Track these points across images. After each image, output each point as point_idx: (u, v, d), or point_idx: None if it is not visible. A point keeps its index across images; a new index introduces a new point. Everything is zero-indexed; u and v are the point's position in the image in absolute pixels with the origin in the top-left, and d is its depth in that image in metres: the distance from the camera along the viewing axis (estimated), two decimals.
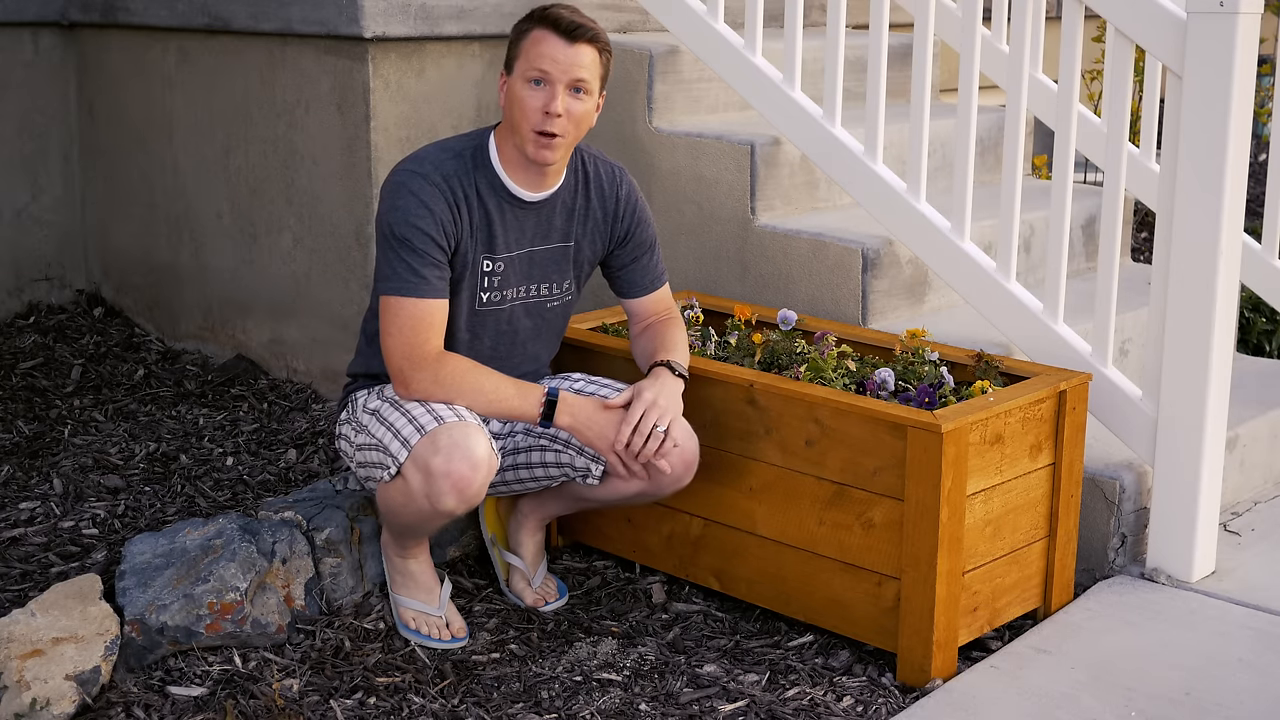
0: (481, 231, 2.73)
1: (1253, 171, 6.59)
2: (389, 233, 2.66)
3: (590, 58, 2.67)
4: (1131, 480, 3.02)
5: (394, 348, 2.68)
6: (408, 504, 2.66)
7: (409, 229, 2.64)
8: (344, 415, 2.88)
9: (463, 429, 2.60)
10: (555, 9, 2.68)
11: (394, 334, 2.67)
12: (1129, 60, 2.95)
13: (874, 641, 2.74)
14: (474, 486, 2.59)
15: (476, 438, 2.60)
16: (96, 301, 4.61)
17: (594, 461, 2.80)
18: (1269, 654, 2.70)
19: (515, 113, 2.68)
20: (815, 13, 4.47)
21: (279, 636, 2.77)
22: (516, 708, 2.58)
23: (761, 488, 2.84)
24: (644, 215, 2.92)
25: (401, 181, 2.68)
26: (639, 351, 2.91)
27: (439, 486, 2.58)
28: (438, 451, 2.57)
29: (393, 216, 2.66)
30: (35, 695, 2.46)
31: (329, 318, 3.89)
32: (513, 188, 2.75)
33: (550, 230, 2.82)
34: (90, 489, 3.39)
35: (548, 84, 2.65)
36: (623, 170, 2.92)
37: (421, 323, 2.66)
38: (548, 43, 2.65)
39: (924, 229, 3.21)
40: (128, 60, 4.35)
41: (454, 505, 2.60)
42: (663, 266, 2.99)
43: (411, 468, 2.61)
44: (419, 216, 2.65)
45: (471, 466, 2.57)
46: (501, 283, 2.78)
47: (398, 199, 2.67)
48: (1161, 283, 2.91)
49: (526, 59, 2.67)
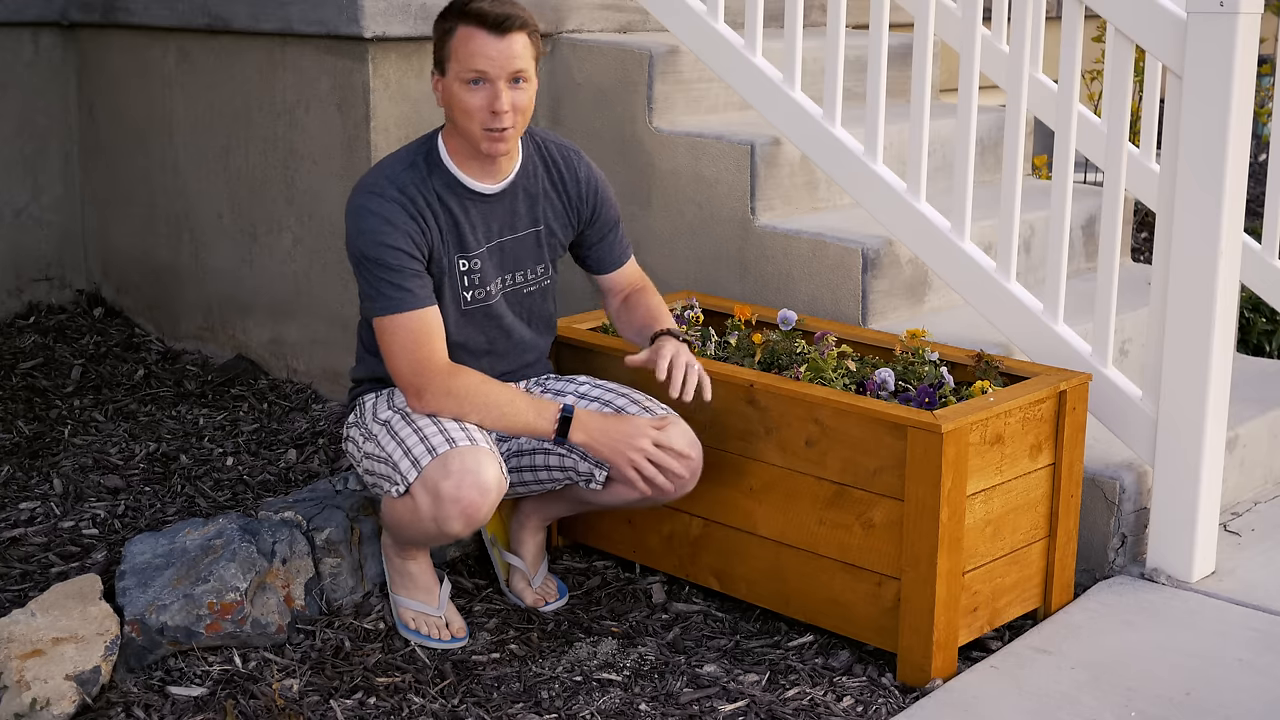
0: (450, 234, 2.71)
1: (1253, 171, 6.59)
2: (361, 257, 2.64)
3: (523, 45, 2.63)
4: (1131, 480, 3.02)
5: (401, 367, 2.65)
6: (414, 523, 2.66)
7: (380, 249, 2.62)
8: (352, 419, 2.86)
9: (474, 454, 2.58)
10: (479, 3, 2.62)
11: (397, 353, 2.65)
12: (1129, 60, 2.95)
13: (874, 641, 2.74)
14: (482, 512, 2.58)
15: (488, 463, 2.58)
16: (96, 301, 4.61)
17: (597, 466, 2.79)
18: (1269, 654, 2.70)
19: (458, 114, 2.65)
20: (815, 13, 4.47)
21: (279, 636, 2.77)
22: (516, 708, 2.58)
23: (761, 488, 2.84)
24: (606, 192, 2.93)
25: (360, 204, 2.65)
26: (626, 323, 2.94)
27: (447, 511, 2.57)
28: (448, 476, 2.56)
29: (360, 241, 2.63)
30: (35, 695, 2.46)
31: (329, 318, 3.89)
32: (471, 183, 2.73)
33: (516, 218, 2.81)
34: (90, 489, 3.39)
35: (487, 82, 2.62)
36: (578, 150, 2.92)
37: (420, 334, 2.64)
38: (478, 40, 2.60)
39: (924, 229, 3.21)
40: (128, 60, 4.35)
41: (460, 530, 2.60)
42: (628, 240, 3.02)
43: (421, 489, 2.59)
44: (386, 234, 2.62)
45: (481, 493, 2.56)
46: (481, 279, 2.77)
47: (361, 222, 2.64)
48: (1161, 283, 2.91)
49: (459, 60, 2.62)
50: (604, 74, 3.72)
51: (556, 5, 3.82)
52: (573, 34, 3.86)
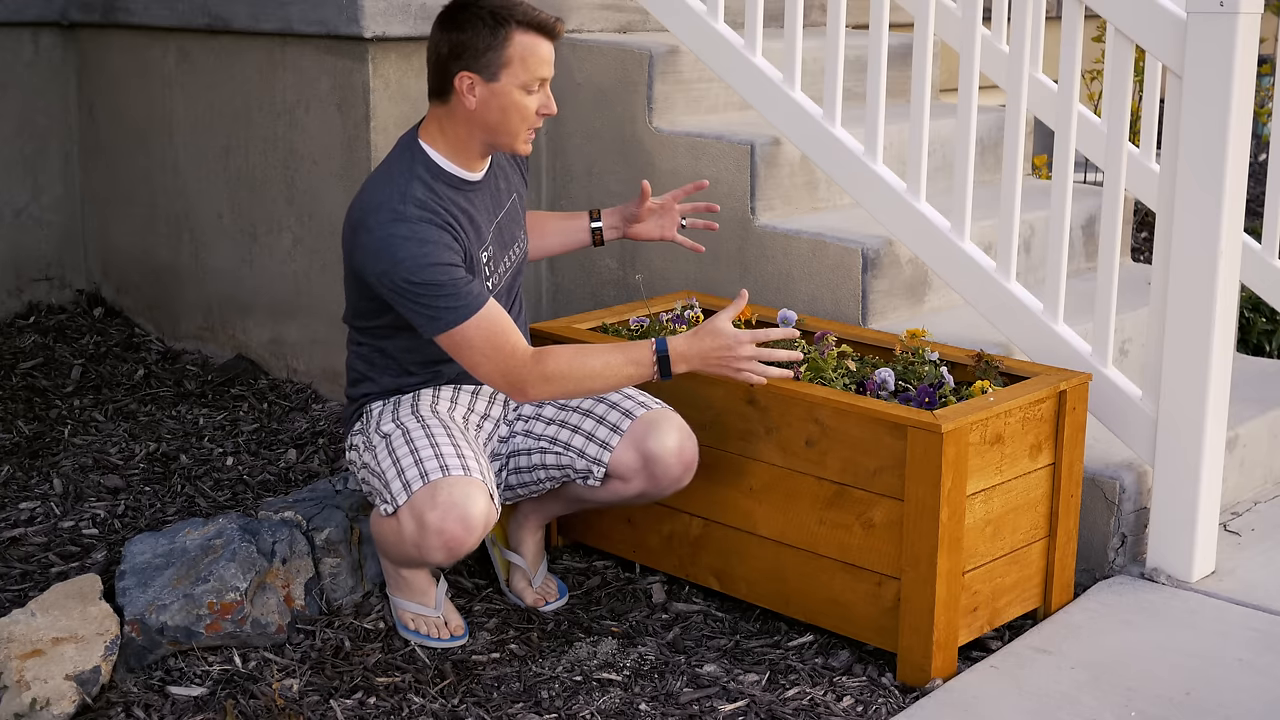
0: (471, 230, 2.71)
1: (1253, 171, 6.59)
2: (407, 285, 2.54)
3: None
4: (1131, 480, 3.02)
5: (490, 374, 2.59)
6: (397, 545, 2.66)
7: (426, 271, 2.54)
8: (357, 426, 2.85)
9: (464, 486, 2.56)
10: (523, 8, 2.63)
11: (480, 361, 2.58)
12: (1129, 60, 2.95)
13: (874, 641, 2.74)
14: (465, 547, 2.58)
15: (476, 496, 2.56)
16: (96, 301, 4.61)
17: (595, 464, 2.80)
18: (1269, 654, 2.70)
19: (510, 116, 2.65)
20: (815, 13, 4.47)
21: (279, 636, 2.77)
22: (516, 708, 2.58)
23: (761, 488, 2.84)
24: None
25: (389, 234, 2.56)
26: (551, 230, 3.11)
27: (430, 542, 2.57)
28: (435, 507, 2.55)
29: (401, 271, 2.54)
30: (35, 695, 2.46)
31: (329, 318, 3.89)
32: (464, 175, 2.73)
33: (500, 194, 2.83)
34: (90, 489, 3.39)
35: (543, 85, 2.67)
36: None
37: (494, 334, 2.58)
38: (543, 48, 2.63)
39: (924, 229, 3.21)
40: (128, 60, 4.35)
41: (442, 560, 2.60)
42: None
43: (407, 514, 2.59)
44: (427, 255, 2.55)
45: (465, 529, 2.55)
46: (494, 264, 2.78)
47: (397, 252, 2.55)
48: (1161, 282, 2.91)
49: (525, 67, 2.62)
50: (604, 74, 3.72)
51: (556, 5, 3.82)
52: (573, 34, 3.86)
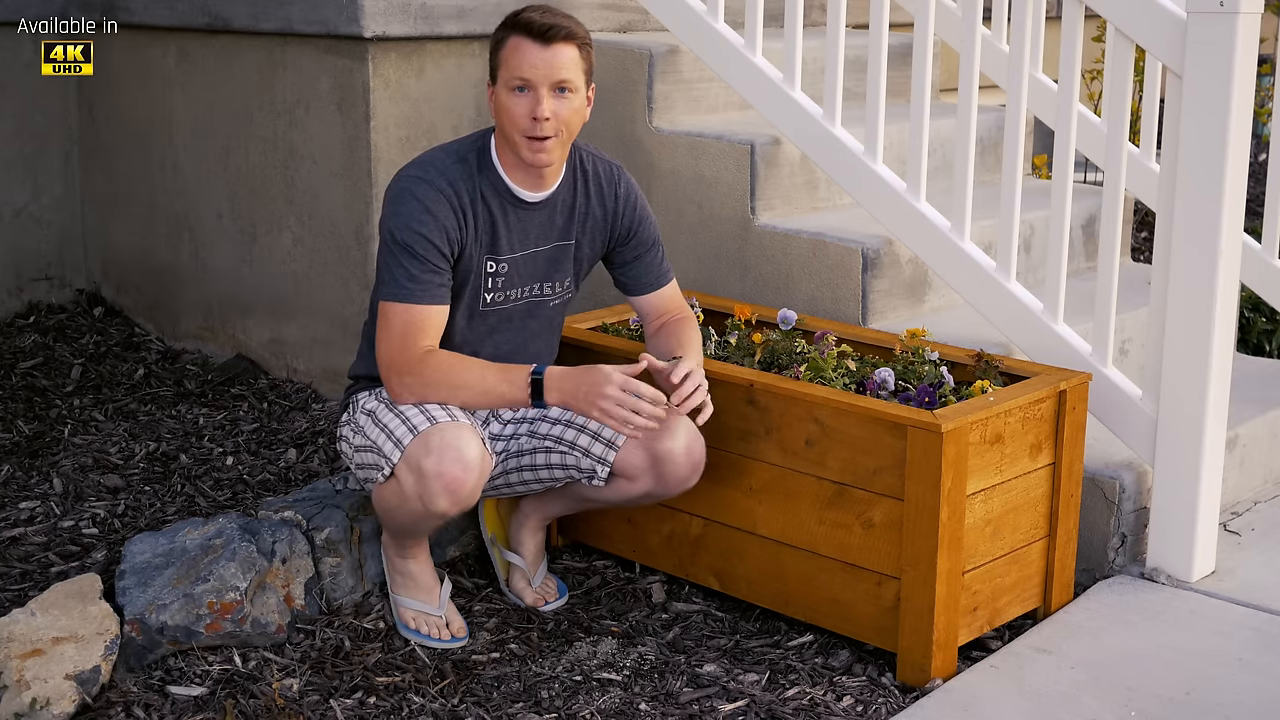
0: (486, 234, 2.73)
1: (1253, 171, 6.59)
2: (391, 238, 2.67)
3: (569, 56, 2.67)
4: (1131, 480, 3.02)
5: (384, 352, 2.69)
6: (402, 505, 2.67)
7: (412, 235, 2.65)
8: (345, 417, 2.88)
9: (455, 430, 2.60)
10: (527, 13, 2.68)
11: (385, 339, 2.68)
12: (1129, 60, 2.95)
13: (874, 641, 2.74)
14: (466, 488, 2.59)
15: (468, 439, 2.59)
16: (96, 301, 4.61)
17: (599, 463, 2.80)
18: (1269, 654, 2.70)
19: (505, 121, 2.70)
20: (815, 13, 4.47)
21: (279, 636, 2.77)
22: (516, 707, 2.58)
23: (761, 487, 2.84)
24: (645, 212, 2.93)
25: (407, 188, 2.68)
26: (655, 351, 2.89)
27: (431, 488, 2.58)
28: (429, 452, 2.57)
29: (395, 222, 2.66)
30: (35, 695, 2.46)
31: (329, 318, 3.89)
32: (515, 189, 2.75)
33: (551, 229, 2.82)
34: (90, 489, 3.39)
35: (530, 89, 2.66)
36: (620, 168, 2.92)
37: (414, 328, 2.66)
38: (524, 49, 2.65)
39: (924, 229, 3.21)
40: (128, 60, 4.35)
41: (447, 506, 2.60)
42: (668, 265, 2.99)
43: (404, 468, 2.61)
44: (422, 223, 2.65)
45: (463, 468, 2.57)
46: (506, 283, 2.79)
47: (402, 204, 2.67)
48: (1161, 283, 2.91)
49: (507, 68, 2.67)
50: (604, 74, 3.72)
51: (556, 5, 3.82)
52: None
